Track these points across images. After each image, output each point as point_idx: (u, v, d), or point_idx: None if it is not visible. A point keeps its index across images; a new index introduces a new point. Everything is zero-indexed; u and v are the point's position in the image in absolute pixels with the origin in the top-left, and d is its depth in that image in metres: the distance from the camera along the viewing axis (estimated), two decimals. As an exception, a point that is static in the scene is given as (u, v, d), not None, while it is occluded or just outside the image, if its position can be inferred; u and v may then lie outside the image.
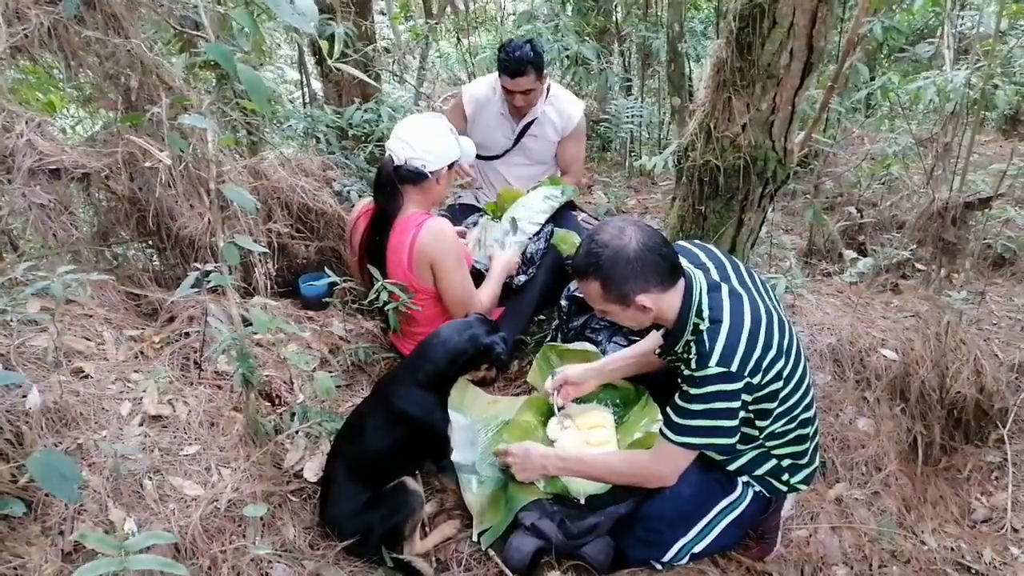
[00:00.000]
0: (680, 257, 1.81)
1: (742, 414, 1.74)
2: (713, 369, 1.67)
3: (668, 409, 1.80)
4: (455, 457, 2.10)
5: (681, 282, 1.77)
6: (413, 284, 2.44)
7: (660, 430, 1.82)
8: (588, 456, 2.03)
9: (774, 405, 1.79)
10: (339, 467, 1.96)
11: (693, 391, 1.72)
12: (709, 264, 1.86)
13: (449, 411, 2.15)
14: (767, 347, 1.71)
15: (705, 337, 1.70)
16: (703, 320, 1.74)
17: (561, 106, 3.18)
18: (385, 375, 2.19)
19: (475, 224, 2.95)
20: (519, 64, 2.92)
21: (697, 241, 2.00)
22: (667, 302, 1.76)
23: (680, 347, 1.80)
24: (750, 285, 1.85)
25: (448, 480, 2.15)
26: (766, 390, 1.74)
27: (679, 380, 1.79)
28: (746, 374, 1.68)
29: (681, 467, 1.86)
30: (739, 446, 1.87)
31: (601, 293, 1.74)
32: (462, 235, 2.83)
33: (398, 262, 2.43)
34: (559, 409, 2.23)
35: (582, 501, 2.00)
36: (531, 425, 2.24)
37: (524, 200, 2.86)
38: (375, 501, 1.91)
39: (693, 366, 1.71)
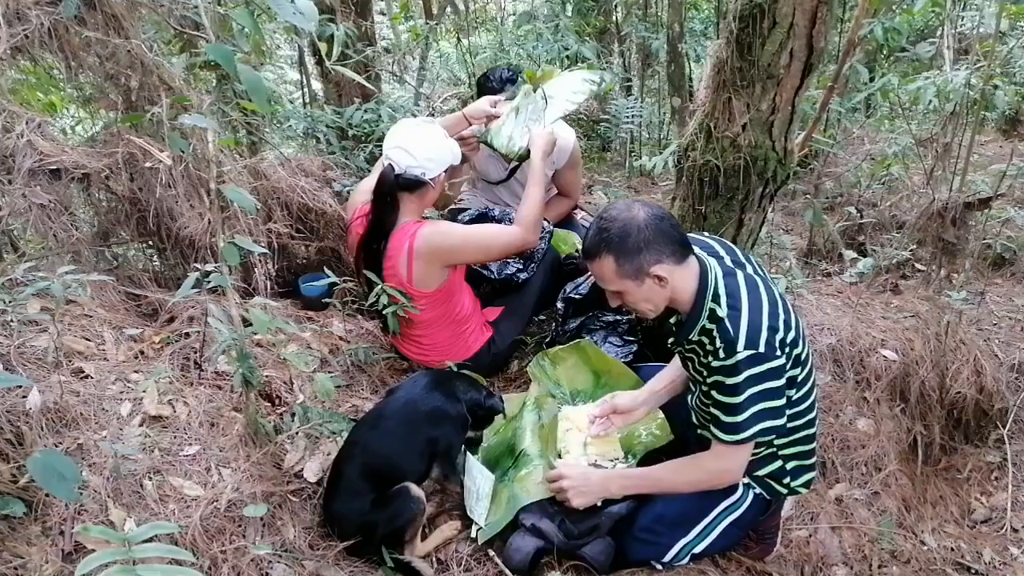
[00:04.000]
0: (694, 246, 1.81)
1: (778, 401, 1.70)
2: (743, 354, 1.66)
3: (713, 411, 1.75)
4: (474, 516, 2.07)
5: (695, 264, 1.77)
6: (411, 292, 2.45)
7: (712, 432, 1.78)
8: (651, 470, 1.99)
9: (791, 392, 1.79)
10: (351, 466, 1.96)
11: (730, 381, 1.69)
12: (723, 253, 1.86)
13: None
14: (788, 328, 1.71)
15: (727, 324, 1.68)
16: (720, 306, 1.72)
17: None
18: (408, 384, 2.19)
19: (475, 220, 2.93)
20: (499, 83, 2.96)
21: (707, 234, 1.99)
22: (681, 278, 1.74)
23: (696, 334, 1.77)
24: (760, 272, 1.86)
25: (453, 485, 2.15)
26: (788, 375, 1.74)
27: (704, 375, 1.77)
28: (776, 355, 1.67)
29: (745, 460, 1.83)
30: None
31: (615, 268, 1.72)
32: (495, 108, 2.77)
33: (394, 272, 2.44)
34: (590, 438, 2.16)
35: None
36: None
37: (561, 80, 2.79)
38: (380, 502, 1.91)
39: (722, 355, 1.69)
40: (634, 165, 5.03)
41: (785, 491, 1.95)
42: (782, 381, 1.70)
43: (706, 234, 1.97)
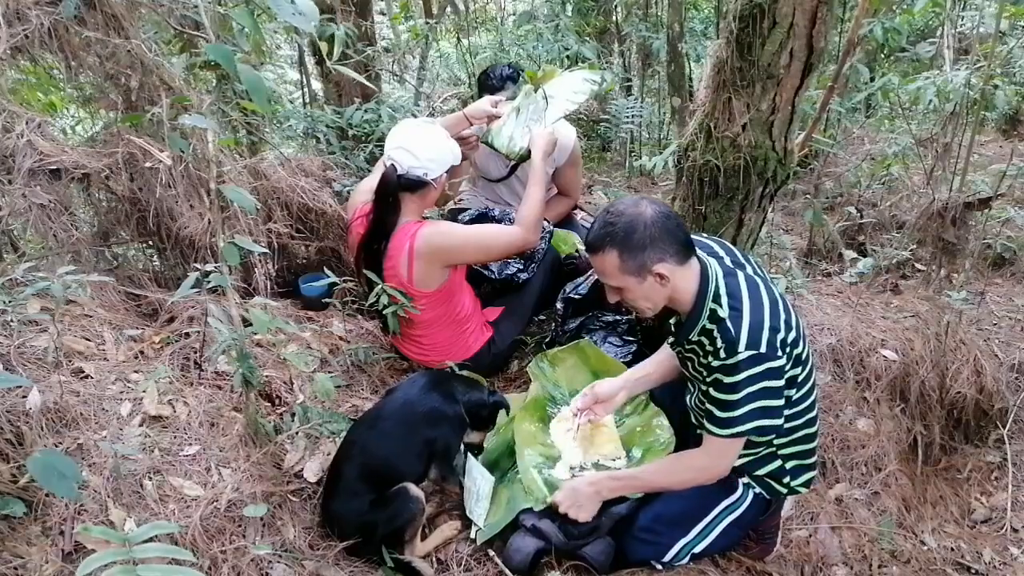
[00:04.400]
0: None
1: (776, 400, 1.71)
2: (744, 354, 1.66)
3: (708, 406, 1.76)
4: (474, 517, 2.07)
5: (696, 265, 1.77)
6: (411, 292, 2.45)
7: (705, 427, 1.79)
8: (639, 470, 2.00)
9: (792, 391, 1.79)
10: (350, 466, 1.96)
11: (728, 380, 1.69)
12: (722, 253, 1.86)
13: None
14: (788, 328, 1.71)
15: (729, 324, 1.68)
16: (721, 306, 1.72)
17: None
18: (407, 385, 2.19)
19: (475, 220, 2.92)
20: (500, 80, 2.97)
21: (706, 235, 1.99)
22: (683, 278, 1.74)
23: (696, 334, 1.77)
24: (762, 275, 1.85)
25: (451, 486, 2.15)
26: (788, 375, 1.74)
27: (704, 375, 1.77)
28: (777, 354, 1.67)
29: (735, 456, 1.83)
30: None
31: (618, 264, 1.71)
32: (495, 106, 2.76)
33: (394, 271, 2.44)
34: (575, 432, 2.15)
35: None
36: (533, 431, 2.24)
37: (562, 80, 2.80)
38: (379, 502, 1.91)
39: (723, 355, 1.69)
40: (634, 165, 5.03)
41: (785, 491, 1.95)
42: (781, 381, 1.71)
43: (704, 235, 1.97)
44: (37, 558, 1.52)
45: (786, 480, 1.93)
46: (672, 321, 1.95)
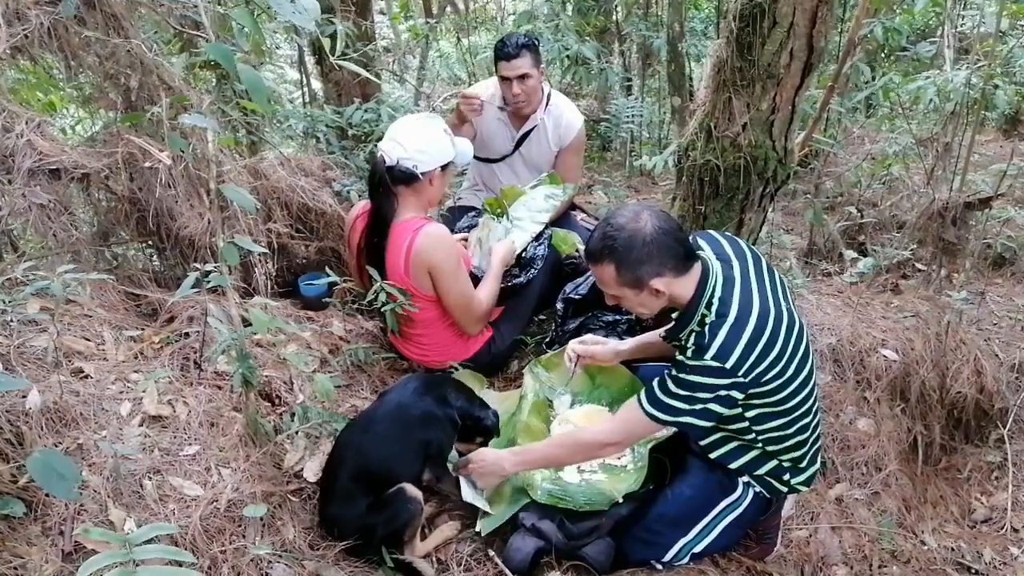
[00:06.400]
0: (706, 246, 1.81)
1: (720, 409, 1.73)
2: (708, 362, 1.67)
3: (654, 381, 1.79)
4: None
5: (697, 268, 1.77)
6: (410, 289, 2.44)
7: (637, 396, 1.82)
8: (537, 446, 2.06)
9: (774, 410, 1.78)
10: (345, 469, 1.96)
11: (681, 375, 1.72)
12: (733, 259, 1.83)
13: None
14: (768, 349, 1.69)
15: (707, 330, 1.69)
16: (710, 313, 1.72)
17: (560, 115, 3.14)
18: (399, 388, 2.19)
19: (473, 226, 2.93)
20: (515, 47, 2.94)
21: (727, 233, 1.97)
22: (681, 286, 1.75)
23: (684, 334, 1.78)
24: (767, 284, 1.81)
25: (446, 486, 2.15)
26: (764, 389, 1.73)
27: (671, 362, 1.80)
28: (739, 373, 1.67)
29: (639, 436, 1.89)
30: (736, 444, 1.88)
31: (615, 277, 1.73)
32: (463, 241, 2.81)
33: (395, 268, 2.43)
34: (571, 375, 2.27)
35: (620, 500, 1.98)
36: (539, 430, 2.24)
37: (525, 200, 2.85)
38: (376, 505, 1.91)
39: (688, 355, 1.71)
40: (634, 165, 5.03)
41: (786, 489, 1.95)
42: (738, 394, 1.71)
43: (725, 234, 1.93)
44: (37, 558, 1.52)
45: (786, 478, 1.93)
46: (674, 315, 1.94)
